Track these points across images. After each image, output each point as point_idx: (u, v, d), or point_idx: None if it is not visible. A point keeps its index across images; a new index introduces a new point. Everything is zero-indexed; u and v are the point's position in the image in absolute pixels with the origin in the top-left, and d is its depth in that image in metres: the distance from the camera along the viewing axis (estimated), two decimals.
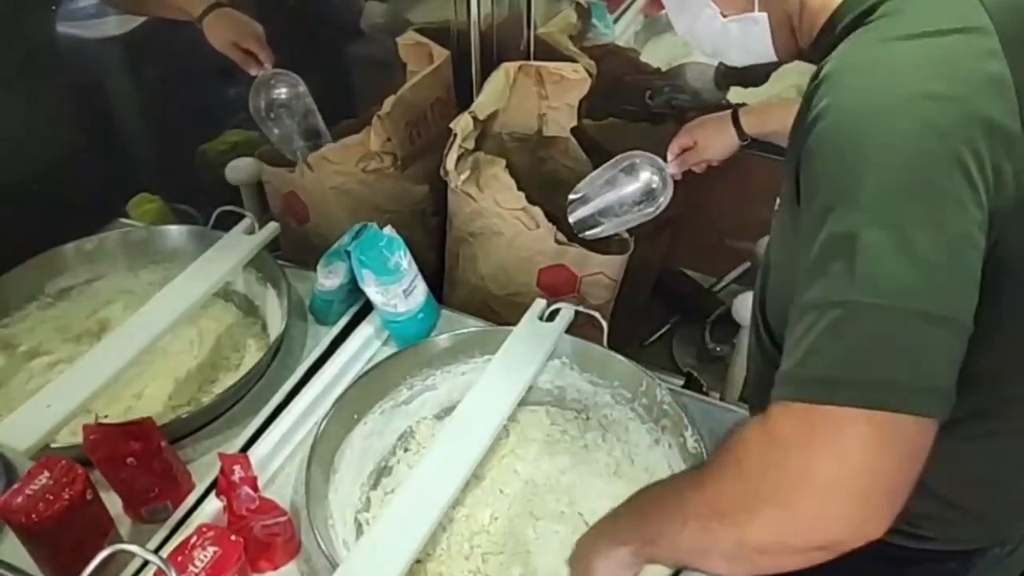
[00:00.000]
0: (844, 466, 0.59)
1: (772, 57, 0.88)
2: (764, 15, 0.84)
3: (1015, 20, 0.68)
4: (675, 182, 1.28)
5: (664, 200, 1.26)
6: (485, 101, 1.29)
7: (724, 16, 0.87)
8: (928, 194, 0.62)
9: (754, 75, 1.50)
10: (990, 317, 0.65)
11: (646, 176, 1.25)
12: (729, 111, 1.33)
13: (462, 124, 1.23)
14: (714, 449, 0.74)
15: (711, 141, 1.32)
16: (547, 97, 1.36)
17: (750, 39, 0.87)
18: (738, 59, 0.92)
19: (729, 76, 1.48)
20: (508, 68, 1.33)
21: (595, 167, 1.37)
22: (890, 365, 0.60)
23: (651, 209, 1.26)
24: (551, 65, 1.33)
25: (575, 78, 1.32)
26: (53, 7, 1.15)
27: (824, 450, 0.60)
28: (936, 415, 0.61)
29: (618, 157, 1.27)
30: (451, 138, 1.24)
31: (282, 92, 1.33)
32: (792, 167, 0.72)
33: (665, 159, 1.29)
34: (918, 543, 0.88)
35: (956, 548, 0.90)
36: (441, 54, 1.35)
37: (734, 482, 0.66)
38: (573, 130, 1.40)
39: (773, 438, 0.63)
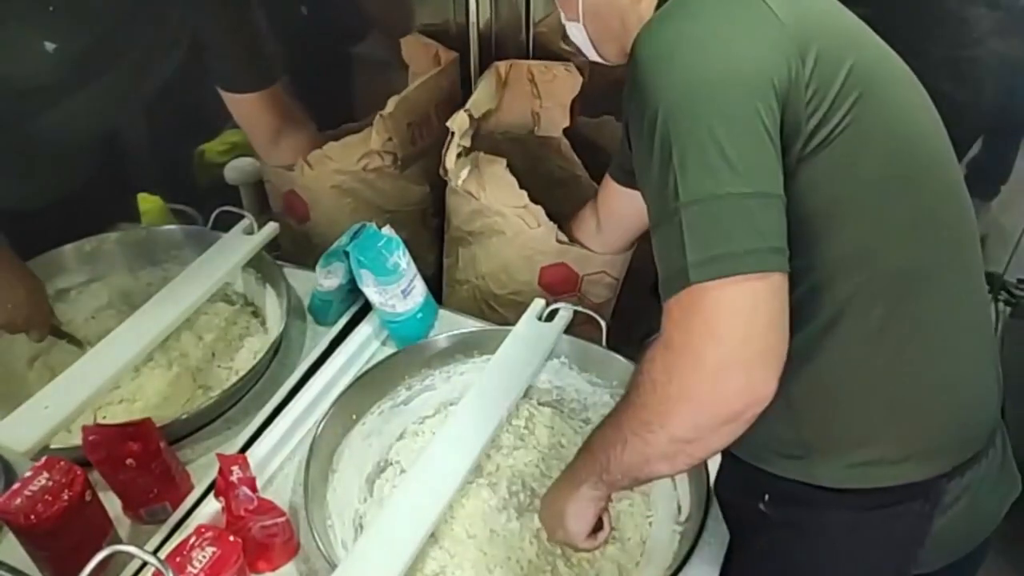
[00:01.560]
0: (724, 344, 0.70)
1: (597, 59, 1.02)
2: (581, 25, 0.97)
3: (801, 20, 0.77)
4: None
5: None
6: (479, 100, 1.29)
7: (564, 17, 0.99)
8: (723, 93, 0.73)
9: None
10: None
11: None
12: None
13: (459, 122, 1.23)
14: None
15: None
16: (540, 96, 1.36)
17: (579, 40, 1.00)
18: (589, 57, 1.04)
19: None
20: (499, 67, 1.33)
21: (589, 166, 1.37)
22: (731, 239, 0.70)
23: None
24: (542, 64, 1.34)
25: (567, 77, 1.33)
26: (51, 8, 1.15)
27: (704, 334, 0.71)
28: (782, 269, 0.72)
29: None
30: (449, 136, 1.24)
31: None
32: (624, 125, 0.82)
33: None
34: (873, 480, 0.88)
35: (908, 481, 0.88)
36: (449, 56, 1.36)
37: (650, 393, 0.76)
38: (566, 130, 1.40)
39: (668, 345, 0.74)
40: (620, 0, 0.91)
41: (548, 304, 1.18)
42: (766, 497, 0.96)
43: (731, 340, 0.70)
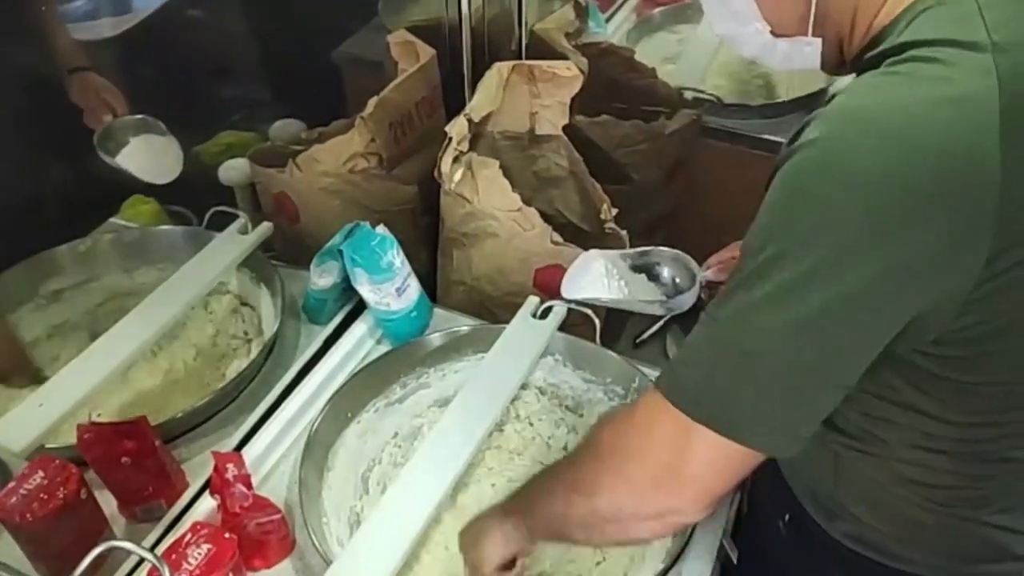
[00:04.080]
0: (680, 459, 0.69)
1: (816, 68, 0.86)
2: (818, 40, 0.82)
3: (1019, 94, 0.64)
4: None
5: (681, 306, 1.12)
6: (480, 103, 1.29)
7: (775, 35, 0.84)
8: (845, 261, 0.62)
9: None
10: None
11: (667, 283, 1.13)
12: None
13: (457, 128, 1.23)
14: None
15: None
16: (539, 95, 1.36)
17: (797, 57, 0.85)
18: (778, 68, 0.91)
19: None
20: (501, 68, 1.33)
21: (588, 164, 1.37)
22: (748, 405, 0.67)
23: (660, 311, 1.14)
24: (544, 64, 1.34)
25: (568, 76, 1.33)
26: (43, 8, 1.15)
27: (668, 442, 0.69)
28: (773, 454, 0.69)
29: (647, 250, 1.14)
30: (446, 141, 1.24)
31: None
32: (771, 176, 0.72)
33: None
34: (898, 563, 0.88)
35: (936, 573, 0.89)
36: (427, 52, 1.35)
37: (591, 458, 0.76)
38: (565, 128, 1.40)
39: (633, 416, 0.73)
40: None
41: (542, 302, 1.19)
42: (787, 517, 0.96)
43: (689, 462, 0.69)
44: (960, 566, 0.88)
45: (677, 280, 1.11)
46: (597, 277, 1.09)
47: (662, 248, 1.12)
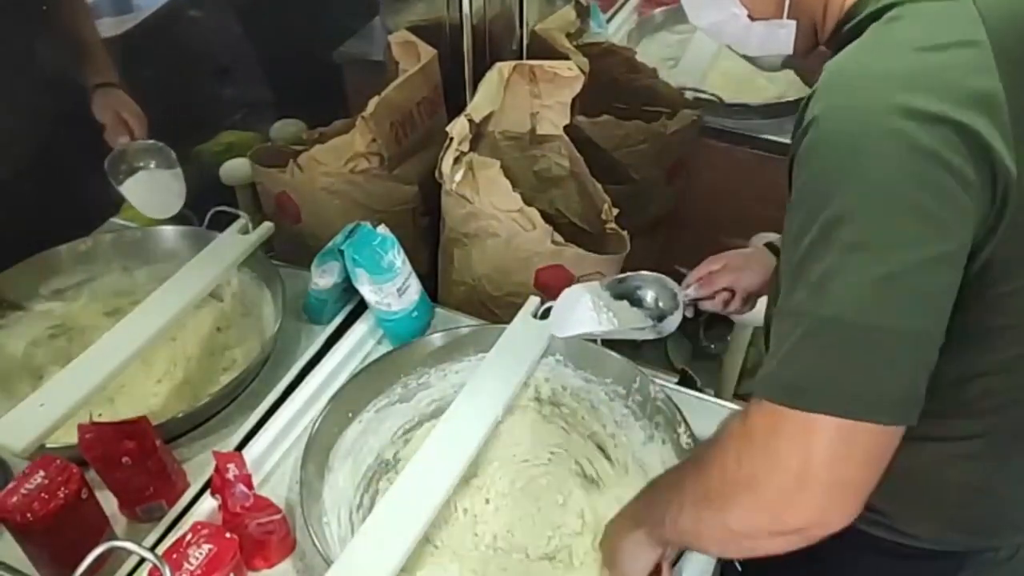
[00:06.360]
0: (808, 462, 0.64)
1: (789, 52, 0.90)
2: (793, 22, 0.85)
3: (1013, 36, 0.68)
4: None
5: (670, 328, 1.12)
6: (480, 103, 1.29)
7: (752, 18, 0.87)
8: (905, 216, 0.63)
9: None
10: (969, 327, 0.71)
11: (651, 306, 1.12)
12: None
13: (458, 128, 1.23)
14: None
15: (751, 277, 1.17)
16: (540, 95, 1.36)
17: (773, 39, 0.88)
18: (755, 53, 0.94)
19: None
20: (502, 68, 1.33)
21: (589, 164, 1.37)
22: (856, 378, 0.64)
23: (652, 335, 1.13)
24: (545, 64, 1.34)
25: (569, 76, 1.32)
26: (44, 7, 1.15)
27: (791, 447, 0.65)
28: (898, 423, 0.65)
29: (625, 276, 1.14)
30: (447, 142, 1.24)
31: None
32: (789, 171, 0.73)
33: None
34: (906, 539, 0.90)
35: (945, 548, 0.91)
36: (428, 52, 1.35)
37: (718, 472, 0.72)
38: (566, 128, 1.40)
39: (750, 433, 0.69)
40: None
41: (543, 302, 1.19)
42: None
43: (819, 461, 0.64)
44: (968, 539, 0.89)
45: (660, 303, 1.11)
46: (586, 312, 1.09)
47: (642, 272, 1.13)
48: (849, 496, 0.66)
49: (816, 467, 0.64)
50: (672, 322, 1.09)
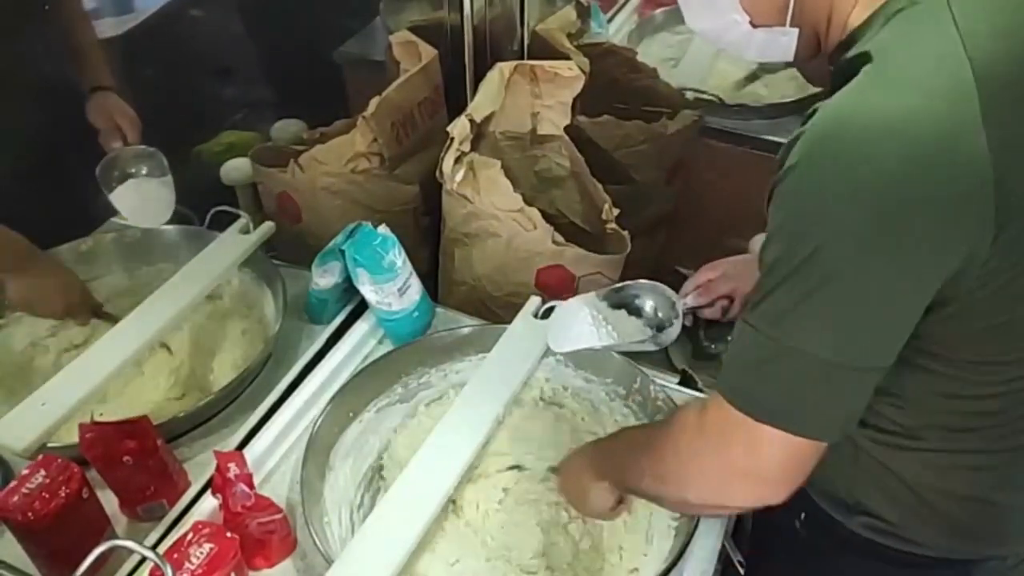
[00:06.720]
0: (753, 460, 0.73)
1: (790, 59, 0.88)
2: (795, 30, 0.83)
3: (1000, 81, 0.67)
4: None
5: (669, 339, 1.11)
6: (481, 103, 1.29)
7: (753, 25, 0.85)
8: (876, 261, 0.66)
9: None
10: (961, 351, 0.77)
11: (650, 316, 1.11)
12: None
13: (459, 128, 1.23)
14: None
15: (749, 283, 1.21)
16: (541, 96, 1.36)
17: (773, 46, 0.87)
18: (754, 59, 0.93)
19: None
20: (503, 68, 1.33)
21: (589, 164, 1.37)
22: (810, 403, 0.71)
23: (652, 346, 1.11)
24: (546, 64, 1.34)
25: (570, 76, 1.33)
26: (46, 7, 1.15)
27: (740, 448, 0.73)
28: (831, 440, 0.73)
29: (622, 286, 1.12)
30: (448, 142, 1.24)
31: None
32: (768, 198, 0.74)
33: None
34: (912, 547, 0.90)
35: (951, 557, 0.91)
36: (429, 52, 1.35)
37: (672, 458, 0.81)
38: (566, 128, 1.40)
39: (705, 427, 0.76)
40: None
41: (544, 302, 1.19)
42: (803, 516, 0.97)
43: (763, 460, 0.73)
44: (969, 546, 0.90)
45: (659, 312, 1.11)
46: (585, 327, 1.09)
47: (640, 281, 1.12)
48: (787, 486, 0.74)
49: (762, 468, 0.73)
50: (671, 333, 1.09)
